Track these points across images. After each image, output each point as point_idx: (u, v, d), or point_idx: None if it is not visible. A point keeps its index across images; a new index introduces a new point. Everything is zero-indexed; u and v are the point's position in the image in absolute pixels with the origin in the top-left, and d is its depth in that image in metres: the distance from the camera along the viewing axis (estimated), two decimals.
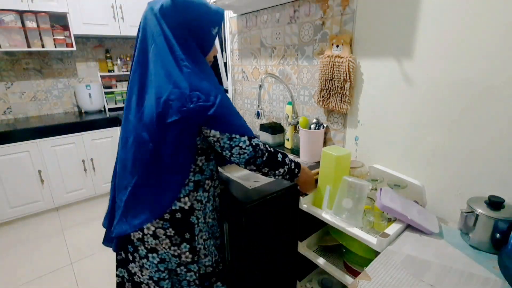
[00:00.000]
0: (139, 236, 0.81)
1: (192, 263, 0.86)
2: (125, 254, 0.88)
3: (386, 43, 1.03)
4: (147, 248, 0.82)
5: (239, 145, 0.78)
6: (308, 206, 1.07)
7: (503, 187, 0.83)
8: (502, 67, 0.78)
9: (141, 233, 0.81)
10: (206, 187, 0.86)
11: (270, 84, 1.64)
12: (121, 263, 0.92)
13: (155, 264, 0.83)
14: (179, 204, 0.80)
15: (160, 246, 0.82)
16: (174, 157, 0.76)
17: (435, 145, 0.96)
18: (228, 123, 0.76)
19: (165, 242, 0.81)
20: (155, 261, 0.83)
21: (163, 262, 0.83)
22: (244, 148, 0.78)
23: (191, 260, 0.85)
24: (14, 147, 2.17)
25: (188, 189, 0.81)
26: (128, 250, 0.86)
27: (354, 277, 1.01)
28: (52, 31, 2.36)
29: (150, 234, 0.81)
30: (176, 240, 0.82)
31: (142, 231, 0.81)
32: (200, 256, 0.87)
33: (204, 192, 0.85)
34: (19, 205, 2.30)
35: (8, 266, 1.86)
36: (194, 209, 0.83)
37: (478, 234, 0.79)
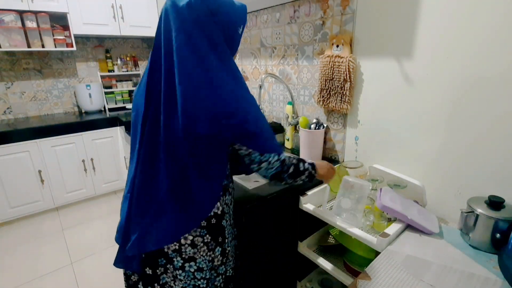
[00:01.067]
0: (175, 248, 0.76)
1: (221, 265, 0.84)
2: (153, 270, 0.82)
3: (386, 43, 1.03)
4: (184, 259, 0.78)
5: (269, 160, 0.76)
6: (308, 206, 1.07)
7: (503, 187, 0.83)
8: (502, 67, 0.78)
9: (178, 244, 0.76)
10: (230, 190, 0.86)
11: (270, 84, 1.64)
12: (147, 280, 0.83)
13: (191, 273, 0.79)
14: (214, 210, 0.79)
15: (198, 254, 0.78)
16: (205, 169, 0.74)
17: (435, 145, 0.96)
18: (260, 139, 0.74)
19: (203, 250, 0.78)
20: (192, 270, 0.79)
21: (201, 271, 0.80)
22: (273, 163, 0.77)
23: (221, 262, 0.83)
24: (14, 147, 2.17)
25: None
26: (158, 263, 0.80)
27: (354, 277, 1.01)
28: (52, 31, 2.36)
29: (188, 244, 0.77)
30: (212, 245, 0.80)
31: (179, 242, 0.76)
32: (228, 258, 0.86)
33: (229, 196, 0.85)
34: (19, 205, 2.30)
35: (8, 266, 1.86)
36: (225, 213, 0.82)
37: (478, 234, 0.79)
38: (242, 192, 1.03)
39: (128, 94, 3.01)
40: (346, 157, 1.28)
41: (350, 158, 1.27)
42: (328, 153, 1.36)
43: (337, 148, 1.31)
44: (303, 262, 1.26)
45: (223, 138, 0.70)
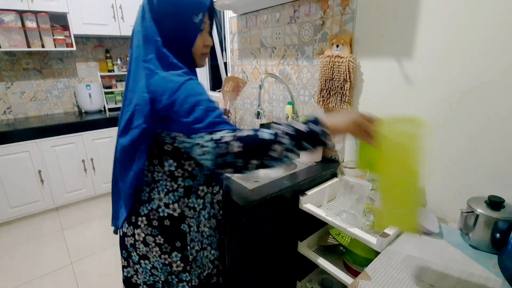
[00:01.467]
0: (131, 242, 0.80)
1: (184, 272, 0.81)
2: (123, 258, 0.87)
3: (386, 43, 1.03)
4: (139, 255, 0.80)
5: (198, 142, 0.61)
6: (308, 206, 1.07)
7: (503, 187, 0.83)
8: (502, 67, 0.78)
9: (133, 239, 0.79)
10: (200, 193, 0.80)
11: (270, 84, 1.64)
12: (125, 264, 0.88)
13: (148, 270, 0.81)
14: (168, 210, 0.76)
15: (150, 254, 0.78)
16: (132, 158, 0.73)
17: (435, 145, 0.96)
18: (184, 118, 0.61)
19: (155, 250, 0.78)
20: (148, 267, 0.80)
21: (155, 269, 0.80)
22: (204, 145, 0.60)
23: (182, 269, 0.80)
24: (14, 147, 2.17)
25: (177, 195, 0.76)
26: (123, 255, 0.85)
27: (354, 277, 1.01)
28: (52, 31, 2.36)
29: (141, 241, 0.78)
30: (166, 249, 0.78)
31: (134, 237, 0.79)
32: (192, 267, 0.82)
33: (198, 199, 0.79)
34: (19, 205, 2.30)
35: (8, 266, 1.86)
36: (186, 216, 0.78)
37: (478, 234, 0.79)
38: (242, 192, 1.03)
39: None
40: (346, 157, 1.28)
41: (350, 158, 1.27)
42: (328, 153, 1.36)
43: (337, 148, 1.31)
44: (303, 262, 1.26)
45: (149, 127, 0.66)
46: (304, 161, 1.32)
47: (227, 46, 1.94)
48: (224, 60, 2.19)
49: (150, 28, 0.68)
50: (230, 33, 1.87)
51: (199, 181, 0.79)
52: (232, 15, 1.80)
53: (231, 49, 1.91)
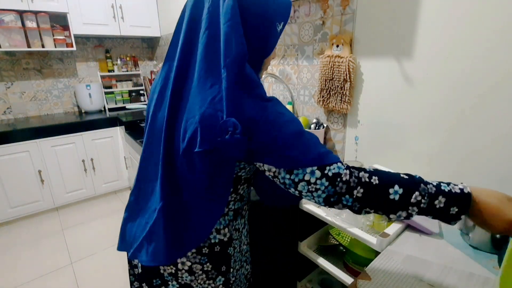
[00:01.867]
0: (172, 271, 0.69)
1: None
2: (148, 286, 0.73)
3: (386, 43, 1.03)
4: (180, 284, 0.70)
5: (305, 179, 0.53)
6: (308, 206, 1.07)
7: (503, 187, 0.83)
8: (502, 66, 0.78)
9: (175, 268, 0.69)
10: (243, 213, 0.74)
11: (270, 84, 1.64)
12: None
13: None
14: (219, 236, 0.68)
15: (195, 282, 0.70)
16: (208, 189, 0.62)
17: (435, 145, 0.96)
18: (281, 152, 0.53)
19: (201, 278, 0.70)
20: None
21: None
22: (315, 183, 0.53)
23: None
24: (14, 147, 2.17)
25: (228, 219, 0.69)
26: (153, 283, 0.72)
27: (354, 277, 1.01)
28: (52, 31, 2.37)
29: (186, 270, 0.69)
30: (213, 275, 0.71)
31: (176, 266, 0.68)
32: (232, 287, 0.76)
33: (241, 219, 0.73)
34: (19, 205, 2.30)
35: (8, 266, 1.86)
36: (232, 239, 0.71)
37: (478, 234, 0.79)
38: None
39: (128, 94, 3.01)
40: (346, 157, 1.28)
41: (350, 158, 1.27)
42: None
43: (337, 148, 1.31)
44: (303, 262, 1.26)
45: (229, 155, 0.56)
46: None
47: None
48: None
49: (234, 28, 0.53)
50: None
51: (245, 201, 0.72)
52: None
53: None
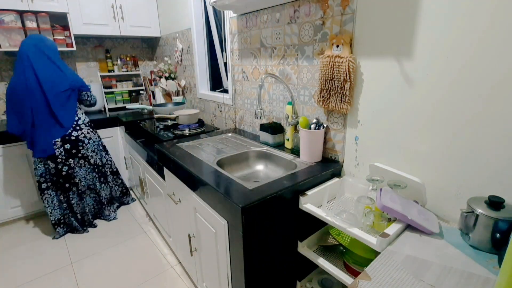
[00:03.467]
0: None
1: None
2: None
3: (386, 43, 1.03)
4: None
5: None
6: (308, 206, 1.07)
7: (503, 187, 0.83)
8: (503, 66, 0.78)
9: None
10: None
11: (270, 84, 1.64)
12: None
13: None
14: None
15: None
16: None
17: (435, 144, 0.96)
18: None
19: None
20: None
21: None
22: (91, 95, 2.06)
23: None
24: (14, 147, 2.17)
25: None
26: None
27: (354, 277, 1.01)
28: (52, 31, 2.37)
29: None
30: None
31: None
32: None
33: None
34: (19, 205, 2.30)
35: (8, 266, 1.86)
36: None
37: (478, 234, 0.79)
38: (242, 192, 1.03)
39: (128, 94, 3.01)
40: (346, 157, 1.28)
41: (350, 158, 1.27)
42: (328, 153, 1.36)
43: (337, 148, 1.31)
44: (303, 262, 1.26)
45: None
46: (304, 161, 1.32)
47: (227, 46, 1.94)
48: (224, 60, 2.19)
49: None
50: (230, 33, 1.87)
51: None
52: (232, 15, 1.80)
53: (231, 49, 1.91)
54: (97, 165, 2.20)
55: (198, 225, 1.33)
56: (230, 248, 1.10)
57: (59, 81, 1.93)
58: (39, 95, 1.86)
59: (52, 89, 1.90)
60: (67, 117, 1.98)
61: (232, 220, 1.03)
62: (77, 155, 2.03)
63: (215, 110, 2.27)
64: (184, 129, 1.99)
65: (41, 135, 1.91)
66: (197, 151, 1.51)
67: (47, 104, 1.89)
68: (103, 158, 2.26)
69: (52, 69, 1.92)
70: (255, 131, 1.85)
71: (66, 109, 1.97)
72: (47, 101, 1.89)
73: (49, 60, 1.92)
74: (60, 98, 1.93)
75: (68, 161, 2.01)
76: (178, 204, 1.53)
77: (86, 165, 2.10)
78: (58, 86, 1.92)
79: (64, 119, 1.96)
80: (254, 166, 1.51)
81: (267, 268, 1.13)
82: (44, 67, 1.89)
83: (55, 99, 1.91)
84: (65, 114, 1.97)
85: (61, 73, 1.95)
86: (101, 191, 2.26)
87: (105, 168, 2.30)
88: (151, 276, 1.74)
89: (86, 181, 2.14)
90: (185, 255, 1.64)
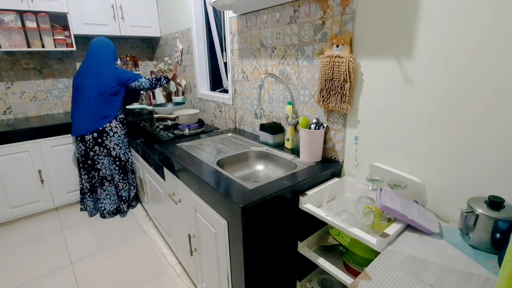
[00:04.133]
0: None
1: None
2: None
3: (386, 43, 1.03)
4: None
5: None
6: (308, 206, 1.07)
7: (503, 187, 0.83)
8: (503, 66, 0.78)
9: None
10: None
11: (270, 84, 1.64)
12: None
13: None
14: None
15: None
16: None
17: (435, 144, 0.96)
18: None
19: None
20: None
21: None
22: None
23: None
24: (14, 147, 2.17)
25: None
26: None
27: (354, 277, 1.01)
28: (52, 31, 2.37)
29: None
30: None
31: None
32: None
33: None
34: (19, 205, 2.30)
35: (8, 266, 1.86)
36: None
37: (478, 234, 0.79)
38: (242, 192, 1.03)
39: None
40: (346, 157, 1.28)
41: (350, 158, 1.27)
42: (328, 153, 1.36)
43: (337, 148, 1.31)
44: (303, 262, 1.26)
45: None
46: (304, 161, 1.32)
47: (227, 46, 1.94)
48: (224, 60, 2.19)
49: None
50: (230, 33, 1.87)
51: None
52: (232, 15, 1.80)
53: (231, 49, 1.91)
54: (119, 158, 2.30)
55: (198, 225, 1.33)
56: (230, 248, 1.10)
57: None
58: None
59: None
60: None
61: (232, 220, 1.03)
62: (101, 144, 2.21)
63: (215, 110, 2.27)
64: (184, 129, 1.99)
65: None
66: (197, 151, 1.51)
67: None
68: (126, 154, 2.34)
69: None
70: (255, 131, 1.85)
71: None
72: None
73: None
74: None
75: (94, 148, 2.20)
76: (178, 204, 1.53)
77: (107, 155, 2.25)
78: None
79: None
80: (254, 166, 1.51)
81: (267, 268, 1.13)
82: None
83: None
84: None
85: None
86: (119, 184, 2.35)
87: (128, 164, 2.38)
88: (151, 276, 1.74)
89: (107, 171, 2.28)
90: (185, 255, 1.64)
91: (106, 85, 2.14)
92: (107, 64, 2.17)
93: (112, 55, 2.22)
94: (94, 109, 2.14)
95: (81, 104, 2.15)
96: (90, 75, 2.12)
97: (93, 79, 2.12)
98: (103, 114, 2.17)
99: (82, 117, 2.16)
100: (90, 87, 2.12)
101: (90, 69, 2.14)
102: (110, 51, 2.21)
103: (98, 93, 2.13)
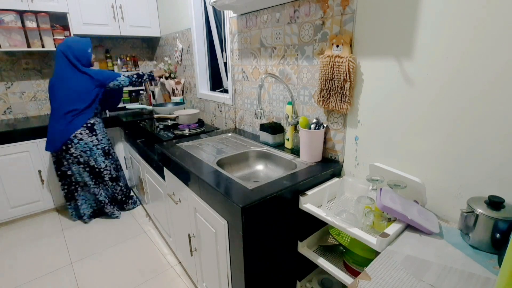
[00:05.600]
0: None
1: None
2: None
3: (386, 43, 1.03)
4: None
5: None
6: (308, 206, 1.07)
7: (503, 187, 0.83)
8: (503, 66, 0.78)
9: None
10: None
11: (270, 84, 1.64)
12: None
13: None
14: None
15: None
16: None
17: (435, 145, 0.96)
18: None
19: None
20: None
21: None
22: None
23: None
24: (14, 147, 2.17)
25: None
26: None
27: (354, 277, 1.01)
28: (52, 31, 2.37)
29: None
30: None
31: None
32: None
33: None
34: (19, 205, 2.30)
35: (8, 266, 1.86)
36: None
37: (478, 234, 0.79)
38: (242, 192, 1.03)
39: (128, 94, 3.01)
40: (346, 157, 1.28)
41: (350, 158, 1.27)
42: (328, 153, 1.36)
43: (337, 148, 1.31)
44: (303, 262, 1.26)
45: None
46: (304, 161, 1.32)
47: (227, 46, 1.94)
48: (224, 60, 2.19)
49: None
50: (230, 33, 1.87)
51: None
52: (232, 15, 1.80)
53: (231, 49, 1.91)
54: (89, 165, 2.16)
55: (198, 225, 1.33)
56: (230, 248, 1.10)
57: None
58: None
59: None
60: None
61: (232, 220, 1.03)
62: (67, 152, 2.06)
63: (215, 110, 2.27)
64: (184, 129, 1.99)
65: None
66: (197, 151, 1.51)
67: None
68: (98, 162, 2.18)
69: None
70: (255, 131, 1.85)
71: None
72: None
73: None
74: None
75: (63, 154, 2.09)
76: (178, 204, 1.53)
77: (75, 163, 2.12)
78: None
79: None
80: (254, 166, 1.51)
81: (267, 268, 1.13)
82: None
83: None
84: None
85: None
86: (94, 189, 2.24)
87: (103, 173, 2.23)
88: (151, 276, 1.74)
89: (78, 177, 2.18)
90: (185, 255, 1.64)
91: (81, 90, 2.02)
92: (79, 67, 2.03)
93: (83, 55, 2.06)
94: (64, 119, 2.02)
95: (54, 114, 2.04)
96: (63, 81, 2.01)
97: (66, 85, 2.01)
98: (72, 123, 2.03)
99: (55, 128, 2.03)
100: (63, 95, 2.01)
101: (64, 74, 2.01)
102: (81, 51, 2.05)
103: (70, 101, 2.01)
